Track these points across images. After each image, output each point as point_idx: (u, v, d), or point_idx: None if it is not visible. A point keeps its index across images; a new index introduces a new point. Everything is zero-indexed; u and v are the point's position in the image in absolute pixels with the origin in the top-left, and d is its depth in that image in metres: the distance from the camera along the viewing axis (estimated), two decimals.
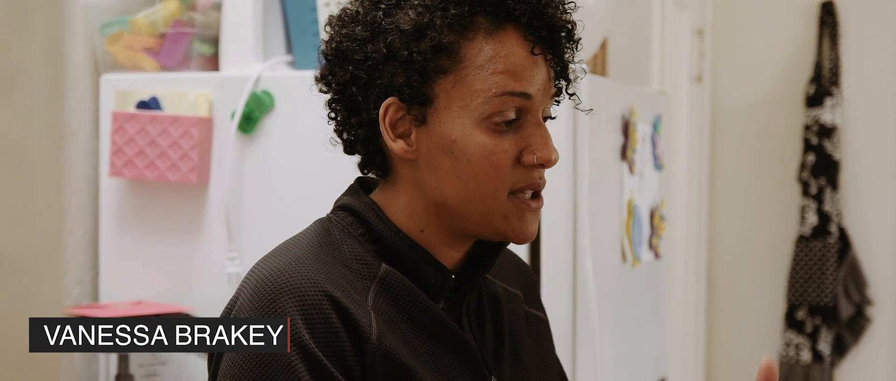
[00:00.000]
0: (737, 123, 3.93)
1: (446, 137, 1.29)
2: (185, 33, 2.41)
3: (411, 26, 1.28)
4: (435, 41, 1.27)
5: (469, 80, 1.28)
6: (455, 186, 1.30)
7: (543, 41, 1.31)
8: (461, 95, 1.28)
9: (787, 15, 3.88)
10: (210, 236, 2.35)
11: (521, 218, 1.32)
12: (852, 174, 3.78)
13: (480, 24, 1.29)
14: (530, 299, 1.52)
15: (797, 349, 3.73)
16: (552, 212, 2.16)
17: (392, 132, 1.31)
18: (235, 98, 2.31)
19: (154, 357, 2.34)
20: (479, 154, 1.29)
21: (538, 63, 1.31)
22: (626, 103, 2.42)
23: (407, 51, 1.27)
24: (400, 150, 1.31)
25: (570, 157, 2.16)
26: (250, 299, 1.27)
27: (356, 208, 1.35)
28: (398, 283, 1.31)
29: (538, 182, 1.33)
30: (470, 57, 1.28)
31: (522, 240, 1.34)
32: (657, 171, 2.64)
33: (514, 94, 1.28)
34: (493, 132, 1.29)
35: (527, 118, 1.31)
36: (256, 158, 2.32)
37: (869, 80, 3.78)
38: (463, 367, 1.33)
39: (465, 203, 1.31)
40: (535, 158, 1.31)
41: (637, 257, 2.45)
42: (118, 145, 2.36)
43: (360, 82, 1.31)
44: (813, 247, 3.74)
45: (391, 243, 1.33)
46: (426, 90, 1.28)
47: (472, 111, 1.28)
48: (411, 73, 1.28)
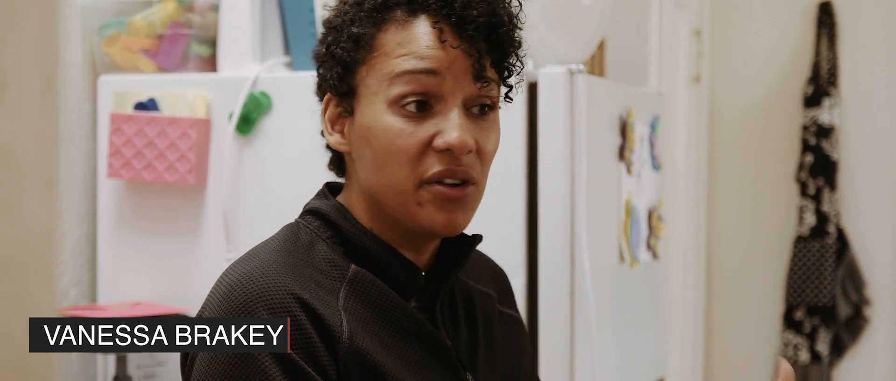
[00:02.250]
0: (735, 123, 3.93)
1: (364, 125, 1.33)
2: (183, 35, 2.41)
3: (339, 23, 1.35)
4: (352, 34, 1.33)
5: (379, 66, 1.32)
6: (375, 176, 1.32)
7: (454, 28, 1.31)
8: (374, 82, 1.32)
9: (785, 15, 3.88)
10: (208, 238, 2.35)
11: (439, 206, 1.30)
12: (850, 174, 3.78)
13: (395, 17, 1.33)
14: (504, 300, 1.53)
15: (795, 350, 3.73)
16: (550, 213, 2.16)
17: (330, 127, 1.37)
18: (233, 99, 2.31)
19: (152, 358, 2.34)
20: (387, 138, 1.30)
21: (447, 49, 1.31)
22: (624, 104, 2.42)
23: (334, 46, 1.34)
24: (335, 143, 1.37)
25: (567, 157, 2.16)
26: (220, 306, 1.28)
27: (323, 211, 1.37)
28: (368, 282, 1.32)
29: (454, 169, 1.30)
30: (382, 46, 1.32)
31: (446, 231, 1.32)
32: (655, 171, 2.64)
33: (416, 71, 1.30)
34: (403, 116, 1.31)
35: (441, 104, 1.31)
36: (254, 160, 2.32)
37: (867, 80, 3.78)
38: (438, 364, 1.34)
39: (385, 193, 1.32)
40: (443, 141, 1.29)
41: (635, 258, 2.45)
42: (116, 147, 2.36)
43: (318, 84, 1.40)
44: (811, 247, 3.74)
45: (359, 242, 1.34)
46: (348, 81, 1.34)
47: (383, 96, 1.31)
48: (336, 67, 1.34)
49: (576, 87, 2.17)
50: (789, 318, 3.77)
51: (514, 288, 1.57)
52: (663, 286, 2.77)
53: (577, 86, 2.17)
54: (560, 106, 2.16)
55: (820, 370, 3.70)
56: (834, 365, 3.76)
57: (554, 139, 2.16)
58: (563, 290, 2.16)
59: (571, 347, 2.16)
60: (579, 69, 2.18)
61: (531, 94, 2.17)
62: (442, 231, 1.32)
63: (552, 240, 2.16)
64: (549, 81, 2.16)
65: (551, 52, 2.23)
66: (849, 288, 3.74)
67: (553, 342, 2.15)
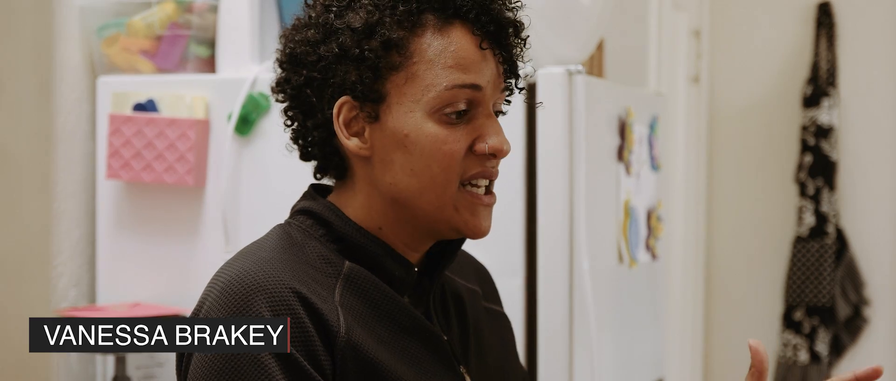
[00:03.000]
0: (734, 123, 3.93)
1: (399, 131, 1.32)
2: (182, 35, 2.41)
3: (362, 25, 1.31)
4: (384, 38, 1.31)
5: (420, 75, 1.31)
6: (409, 180, 1.33)
7: (491, 36, 1.34)
8: (413, 90, 1.31)
9: (784, 16, 3.89)
10: (207, 238, 2.35)
11: (473, 212, 1.35)
12: (849, 175, 3.78)
13: (429, 21, 1.32)
14: (489, 296, 1.55)
15: (795, 350, 3.73)
16: (548, 213, 2.16)
17: (346, 131, 1.34)
18: (232, 100, 2.31)
19: (151, 359, 2.34)
20: (432, 145, 1.31)
21: (487, 57, 1.34)
22: (623, 104, 2.42)
23: (358, 49, 1.31)
24: (355, 147, 1.34)
25: (566, 158, 2.16)
26: (219, 301, 1.27)
27: (314, 211, 1.37)
28: (363, 278, 1.33)
29: (490, 171, 1.36)
30: (420, 52, 1.31)
31: (476, 234, 1.36)
32: (654, 172, 2.64)
33: (464, 86, 1.32)
34: (445, 124, 1.32)
35: (478, 110, 1.34)
36: (253, 160, 2.32)
37: (866, 80, 3.79)
38: (434, 358, 1.35)
39: (419, 197, 1.33)
40: (487, 146, 1.34)
41: (634, 259, 2.45)
42: (115, 148, 2.36)
43: (314, 84, 1.34)
44: (810, 248, 3.74)
45: (353, 239, 1.35)
46: (378, 87, 1.32)
47: (424, 105, 1.31)
48: (363, 70, 1.31)
49: (574, 87, 2.17)
50: (788, 318, 3.77)
51: (513, 289, 1.59)
52: (662, 287, 2.77)
53: (576, 86, 2.17)
54: (559, 106, 2.16)
55: (819, 371, 3.70)
56: (833, 365, 3.76)
57: (553, 140, 2.16)
58: (562, 290, 2.16)
59: (570, 347, 2.16)
60: (578, 70, 2.18)
61: (530, 94, 2.17)
62: (472, 235, 1.36)
63: (551, 241, 2.16)
64: (547, 81, 2.16)
65: (550, 52, 2.23)
66: (848, 288, 3.75)
67: (552, 342, 2.15)
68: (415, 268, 1.37)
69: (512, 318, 2.17)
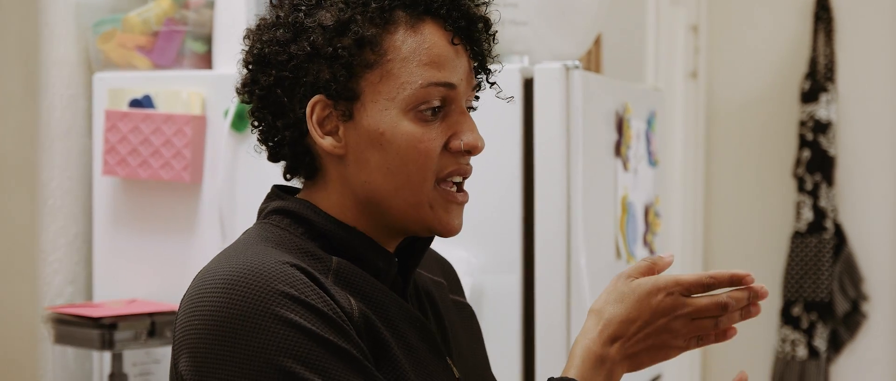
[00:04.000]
0: (732, 119, 3.93)
1: (374, 129, 1.31)
2: (178, 31, 2.41)
3: (333, 22, 1.31)
4: (358, 36, 1.30)
5: (395, 72, 1.31)
6: (384, 179, 1.32)
7: (462, 32, 1.34)
8: (387, 88, 1.31)
9: (782, 10, 3.88)
10: (203, 235, 2.34)
11: (446, 209, 1.34)
12: (848, 170, 3.78)
13: (400, 18, 1.32)
14: (453, 287, 1.55)
15: (793, 345, 3.73)
16: (545, 209, 2.16)
17: (320, 130, 1.33)
18: (228, 96, 2.29)
19: (148, 356, 2.33)
20: (408, 143, 1.31)
21: (459, 53, 1.34)
22: (621, 100, 2.42)
23: (331, 47, 1.30)
24: (329, 146, 1.33)
25: (563, 153, 2.16)
26: (228, 292, 1.22)
27: (291, 209, 1.36)
28: (353, 272, 1.32)
29: (465, 168, 1.36)
30: (394, 49, 1.31)
31: (448, 233, 1.36)
32: (651, 167, 2.64)
33: (440, 84, 1.32)
34: (420, 121, 1.32)
35: (452, 107, 1.34)
36: (250, 157, 2.31)
37: (864, 75, 3.78)
38: (426, 348, 1.35)
39: (394, 195, 1.33)
40: (462, 143, 1.34)
41: (632, 254, 2.45)
42: (111, 144, 2.35)
43: (284, 84, 1.33)
44: (808, 243, 3.74)
45: (335, 234, 1.34)
46: (352, 85, 1.31)
47: (399, 103, 1.31)
48: (337, 68, 1.30)
49: (572, 83, 2.17)
50: (787, 313, 3.77)
51: (510, 285, 1.58)
52: None
53: (573, 82, 2.17)
54: (556, 102, 2.15)
55: (817, 366, 3.70)
56: (831, 361, 3.76)
57: (550, 135, 2.15)
58: (559, 287, 2.16)
59: (568, 344, 2.16)
60: (575, 65, 2.18)
61: (527, 90, 2.16)
62: (445, 234, 1.36)
63: (548, 236, 2.16)
64: (544, 77, 2.16)
65: (547, 48, 2.23)
66: (846, 284, 3.74)
67: (549, 339, 2.15)
68: (395, 259, 1.37)
69: (509, 314, 2.17)
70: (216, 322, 1.22)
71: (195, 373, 1.23)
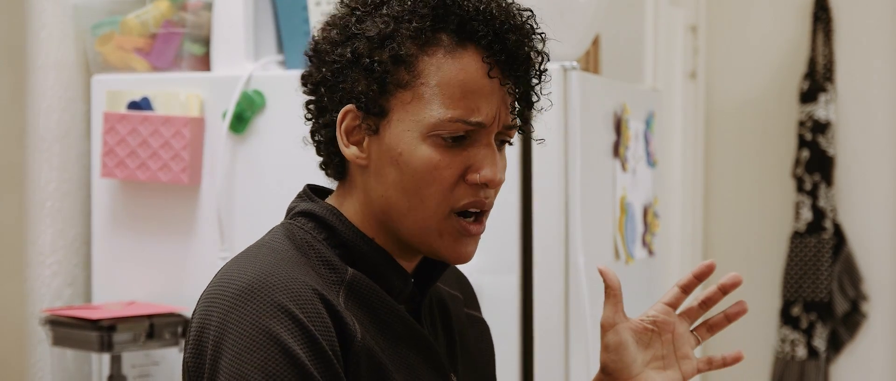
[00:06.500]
0: (731, 119, 3.92)
1: (394, 148, 1.30)
2: (176, 33, 2.41)
3: (376, 34, 1.29)
4: (394, 52, 1.28)
5: (426, 98, 1.29)
6: (399, 197, 1.31)
7: (500, 65, 1.31)
8: (415, 110, 1.29)
9: (781, 11, 3.88)
10: (202, 236, 2.34)
11: (456, 239, 1.33)
12: (847, 170, 3.78)
13: (443, 41, 1.30)
14: (469, 302, 1.54)
15: (792, 345, 3.73)
16: (544, 209, 2.16)
17: (346, 138, 1.33)
18: (227, 98, 2.31)
19: (147, 357, 2.33)
20: (423, 167, 1.29)
21: (494, 87, 1.30)
22: (619, 100, 2.42)
23: (369, 58, 1.29)
24: (352, 156, 1.33)
25: (561, 154, 2.16)
26: (237, 303, 1.24)
27: (317, 213, 1.36)
28: (366, 286, 1.32)
29: (483, 201, 1.33)
30: (428, 73, 1.29)
31: (457, 261, 1.35)
32: (650, 168, 2.64)
33: (466, 122, 1.29)
34: (439, 147, 1.30)
35: (476, 138, 1.31)
36: (248, 158, 2.32)
37: (863, 75, 3.78)
38: (427, 365, 1.35)
39: (406, 215, 1.31)
40: (479, 176, 1.31)
41: (631, 255, 2.45)
42: (110, 146, 2.35)
43: (327, 84, 1.33)
44: (808, 243, 3.74)
45: (355, 246, 1.34)
46: (383, 102, 1.30)
47: (422, 127, 1.29)
48: (371, 82, 1.29)
49: (570, 83, 2.17)
50: (786, 314, 3.77)
51: (508, 285, 1.58)
52: (659, 283, 2.76)
53: (572, 82, 2.17)
54: (554, 103, 2.15)
55: (817, 366, 3.70)
56: (831, 361, 3.76)
57: (548, 136, 2.15)
58: (557, 287, 2.16)
59: (566, 344, 2.16)
60: (573, 66, 2.18)
61: None
62: (453, 262, 1.35)
63: (547, 237, 2.16)
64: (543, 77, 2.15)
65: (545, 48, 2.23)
66: (846, 284, 3.74)
67: (548, 339, 2.15)
68: (411, 279, 1.37)
69: (508, 315, 2.17)
70: (219, 331, 1.24)
71: (195, 371, 1.27)
